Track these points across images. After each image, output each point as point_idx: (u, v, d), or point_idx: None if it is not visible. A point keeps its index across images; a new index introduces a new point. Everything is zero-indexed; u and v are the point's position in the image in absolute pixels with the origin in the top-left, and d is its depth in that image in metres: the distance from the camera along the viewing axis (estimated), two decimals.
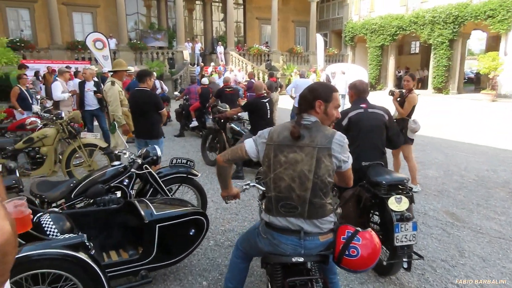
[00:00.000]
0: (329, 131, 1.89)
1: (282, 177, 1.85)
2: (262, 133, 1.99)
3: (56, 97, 6.82)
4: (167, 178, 3.52)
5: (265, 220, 1.98)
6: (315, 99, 1.92)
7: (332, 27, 29.62)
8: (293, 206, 1.84)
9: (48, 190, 2.96)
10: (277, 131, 1.92)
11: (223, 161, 2.12)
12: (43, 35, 21.01)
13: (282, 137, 1.89)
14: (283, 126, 1.95)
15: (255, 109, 5.84)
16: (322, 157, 1.82)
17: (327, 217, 1.90)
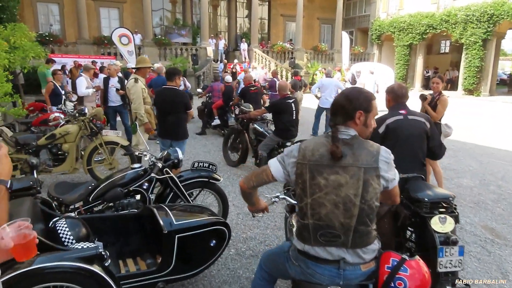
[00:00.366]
0: (373, 147, 1.67)
1: (323, 203, 1.62)
2: (290, 151, 1.75)
3: (80, 92, 6.82)
4: (188, 183, 3.36)
5: (297, 247, 1.76)
6: (355, 109, 1.68)
7: (358, 25, 28.94)
8: (335, 235, 1.62)
9: (66, 192, 2.86)
10: (310, 148, 1.68)
11: (248, 188, 1.94)
12: (71, 30, 21.42)
13: (319, 155, 1.64)
14: (317, 142, 1.71)
15: (280, 110, 5.62)
16: (369, 178, 1.60)
17: (372, 245, 1.69)
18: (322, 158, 1.63)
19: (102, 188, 3.00)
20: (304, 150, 1.68)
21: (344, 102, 1.70)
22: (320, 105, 8.92)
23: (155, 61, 19.51)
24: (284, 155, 1.77)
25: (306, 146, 1.69)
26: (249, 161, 6.50)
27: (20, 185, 2.73)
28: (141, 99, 5.00)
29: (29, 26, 19.60)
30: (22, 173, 4.81)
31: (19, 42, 8.36)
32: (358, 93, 1.74)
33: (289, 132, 5.63)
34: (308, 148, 1.68)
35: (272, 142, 5.71)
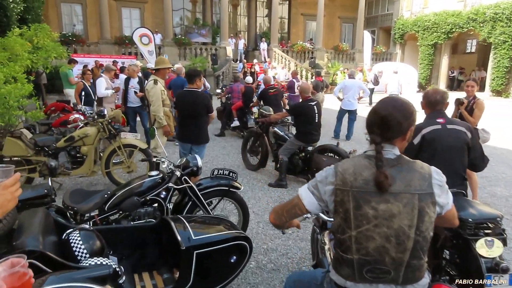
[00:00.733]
0: (424, 169, 1.45)
1: (371, 236, 1.40)
2: (325, 176, 1.51)
3: (99, 93, 6.79)
4: (207, 191, 3.21)
5: (335, 282, 1.54)
6: (410, 125, 1.48)
7: (381, 24, 28.28)
8: (385, 271, 1.42)
9: (82, 200, 2.75)
10: (350, 171, 1.45)
11: (281, 224, 1.71)
12: (93, 30, 21.73)
13: (362, 180, 1.42)
14: (357, 164, 1.48)
15: (302, 113, 5.41)
16: (425, 206, 1.39)
17: (423, 279, 1.48)
18: (368, 184, 1.41)
19: (118, 197, 2.88)
20: (342, 174, 1.46)
21: (400, 118, 1.46)
22: (342, 107, 8.65)
23: (174, 61, 19.57)
24: (318, 181, 1.54)
25: (345, 169, 1.47)
26: (269, 164, 6.31)
27: (34, 193, 2.63)
28: (160, 101, 4.89)
29: (53, 26, 20.07)
30: (41, 175, 4.77)
31: (42, 42, 8.44)
32: (410, 106, 1.51)
33: (311, 136, 5.42)
34: (347, 172, 1.45)
35: (293, 146, 5.51)
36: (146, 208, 2.94)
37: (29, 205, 2.63)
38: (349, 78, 8.80)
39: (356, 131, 9.36)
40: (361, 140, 8.91)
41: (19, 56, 6.70)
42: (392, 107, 1.48)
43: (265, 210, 4.60)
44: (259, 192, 5.23)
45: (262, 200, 4.92)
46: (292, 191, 5.32)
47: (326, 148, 5.39)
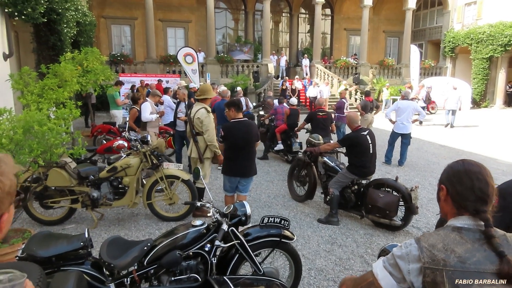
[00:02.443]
0: None
1: None
2: (406, 253, 1.30)
3: (144, 118, 6.74)
4: (256, 243, 2.84)
5: None
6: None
7: (429, 37, 27.02)
8: None
9: (119, 254, 2.48)
10: (439, 247, 1.25)
11: None
12: (140, 50, 22.52)
13: (457, 257, 1.21)
14: (446, 238, 1.27)
15: (354, 144, 4.95)
16: None
17: None
18: (464, 263, 1.20)
19: (159, 250, 2.59)
20: (430, 250, 1.25)
21: (491, 181, 1.32)
22: (395, 130, 8.03)
23: (217, 79, 19.74)
24: (396, 258, 1.32)
25: (432, 245, 1.26)
26: (317, 195, 5.87)
27: (70, 247, 2.40)
28: (214, 130, 4.82)
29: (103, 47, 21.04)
30: (83, 206, 4.67)
31: (91, 65, 8.67)
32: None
33: (365, 168, 4.93)
34: (435, 247, 1.25)
35: (346, 179, 5.04)
36: (189, 262, 2.63)
37: (64, 259, 2.40)
38: (403, 100, 8.16)
39: (409, 155, 8.67)
40: (416, 166, 8.22)
41: (68, 81, 6.82)
42: (486, 173, 1.34)
43: (315, 253, 4.15)
44: (308, 230, 4.78)
45: (312, 240, 4.48)
46: (344, 229, 4.83)
47: (383, 182, 4.87)
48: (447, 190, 1.37)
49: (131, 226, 4.81)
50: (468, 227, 1.29)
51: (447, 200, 1.38)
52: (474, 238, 1.26)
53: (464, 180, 1.32)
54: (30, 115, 3.01)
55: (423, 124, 14.68)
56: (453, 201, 1.35)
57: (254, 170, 4.50)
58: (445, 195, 1.38)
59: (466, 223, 1.30)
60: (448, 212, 1.39)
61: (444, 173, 1.42)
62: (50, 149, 3.08)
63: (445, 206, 1.40)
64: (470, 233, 1.27)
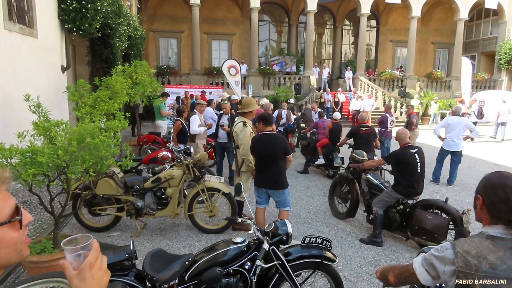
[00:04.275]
0: None
1: None
2: (442, 257, 1.43)
3: (193, 130, 6.92)
4: (297, 263, 2.77)
5: None
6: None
7: (482, 49, 25.64)
8: None
9: (162, 267, 2.52)
10: (473, 253, 1.36)
11: (395, 282, 1.68)
12: (185, 61, 23.32)
13: (489, 264, 1.31)
14: (479, 246, 1.37)
15: (402, 162, 4.74)
16: None
17: None
18: (495, 270, 1.30)
19: (200, 266, 2.60)
20: (464, 256, 1.37)
21: None
22: (444, 147, 7.61)
23: (258, 90, 19.93)
24: (433, 258, 1.47)
25: (466, 251, 1.38)
26: (360, 213, 5.67)
27: (116, 258, 2.47)
28: (249, 144, 4.77)
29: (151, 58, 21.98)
30: (128, 214, 4.83)
31: (140, 78, 9.08)
32: None
33: (412, 188, 4.70)
34: (469, 254, 1.37)
35: (391, 198, 4.82)
36: (229, 279, 2.61)
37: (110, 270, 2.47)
38: (454, 115, 7.74)
39: (460, 174, 8.18)
40: (467, 186, 7.73)
41: (118, 93, 7.17)
42: None
43: (357, 275, 3.98)
44: (350, 250, 4.62)
45: (353, 261, 4.31)
46: (387, 251, 4.61)
47: (432, 203, 4.60)
48: (483, 200, 1.44)
49: (172, 236, 4.90)
50: (501, 236, 1.37)
51: (483, 209, 1.45)
52: (506, 246, 1.34)
53: (499, 192, 1.38)
54: (84, 127, 3.18)
55: (474, 141, 13.86)
56: (488, 210, 1.42)
57: (281, 184, 4.38)
58: (481, 204, 1.46)
59: (500, 232, 1.38)
60: (483, 220, 1.47)
61: (481, 183, 1.49)
62: (101, 160, 3.22)
63: (480, 214, 1.48)
64: (503, 242, 1.35)
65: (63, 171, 3.10)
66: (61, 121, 3.29)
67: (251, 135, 4.88)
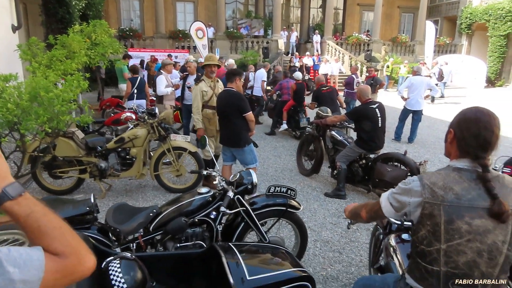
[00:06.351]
0: (511, 182, 1.43)
1: (463, 251, 1.40)
2: (408, 189, 1.50)
3: (160, 92, 6.70)
4: (262, 211, 2.84)
5: (411, 286, 1.56)
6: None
7: (445, 13, 26.12)
8: (473, 285, 1.42)
9: (125, 219, 2.50)
10: (440, 184, 1.43)
11: (367, 218, 1.79)
12: (149, 24, 22.23)
13: (454, 194, 1.40)
14: (446, 177, 1.45)
15: (363, 117, 4.85)
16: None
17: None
18: (460, 199, 1.40)
19: (165, 217, 2.60)
20: (431, 187, 1.44)
21: (497, 131, 1.45)
22: (407, 106, 7.85)
23: (226, 54, 19.47)
24: (400, 193, 1.53)
25: (433, 183, 1.45)
26: (324, 170, 5.83)
27: (76, 211, 2.42)
28: (197, 102, 4.77)
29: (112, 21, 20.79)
30: (91, 176, 4.71)
31: (100, 38, 8.57)
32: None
33: (373, 143, 4.85)
34: (436, 185, 1.44)
35: (353, 153, 4.98)
36: (194, 229, 2.64)
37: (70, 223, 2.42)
38: (415, 75, 7.95)
39: (420, 133, 8.52)
40: (426, 143, 8.09)
41: (76, 53, 6.77)
42: (494, 123, 1.45)
43: (321, 225, 4.15)
44: (315, 203, 4.78)
45: (318, 213, 4.48)
46: (350, 203, 4.80)
47: (392, 157, 4.80)
48: (454, 134, 1.51)
49: (138, 197, 4.86)
50: (467, 168, 1.45)
51: (453, 143, 1.52)
52: (471, 178, 1.43)
53: (472, 128, 1.44)
54: (36, 81, 2.99)
55: (434, 102, 14.43)
56: (458, 144, 1.49)
57: (238, 142, 4.27)
58: (452, 137, 1.52)
59: (466, 165, 1.46)
60: (451, 154, 1.55)
61: (456, 117, 1.54)
62: (57, 116, 3.07)
63: (450, 147, 1.55)
64: (469, 173, 1.44)
65: (15, 127, 2.93)
66: (10, 74, 3.07)
67: (204, 94, 4.81)
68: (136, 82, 7.32)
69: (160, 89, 6.59)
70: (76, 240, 0.87)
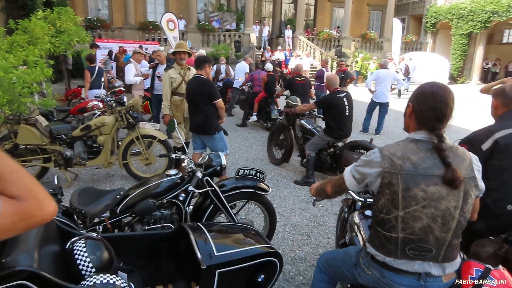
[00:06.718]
0: (465, 154, 1.54)
1: (419, 217, 1.48)
2: (369, 161, 1.58)
3: (128, 80, 6.51)
4: (231, 194, 2.86)
5: (372, 256, 1.65)
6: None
7: (412, 12, 27.00)
8: (428, 249, 1.52)
9: (91, 202, 2.45)
10: (398, 155, 1.52)
11: (332, 192, 1.87)
12: (118, 15, 21.58)
13: (411, 164, 1.49)
14: (404, 148, 1.53)
15: (331, 106, 4.97)
16: (469, 189, 1.50)
17: (458, 258, 1.60)
18: (417, 168, 1.48)
19: (132, 198, 2.57)
20: (390, 157, 1.52)
21: (451, 104, 1.54)
22: (374, 99, 8.10)
23: (197, 48, 19.24)
24: (361, 165, 1.61)
25: (392, 153, 1.53)
26: (294, 159, 5.93)
27: None
28: (166, 88, 4.78)
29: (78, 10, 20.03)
30: (56, 165, 4.56)
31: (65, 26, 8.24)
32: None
33: (341, 131, 4.98)
34: (395, 155, 1.52)
35: (322, 141, 5.09)
36: (163, 211, 2.63)
37: None
38: (382, 68, 8.20)
39: (386, 125, 8.81)
40: (392, 134, 8.38)
41: (39, 39, 6.50)
42: (449, 97, 1.52)
43: (291, 211, 4.23)
44: (284, 190, 4.86)
45: (287, 200, 4.56)
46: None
47: (358, 144, 4.94)
48: (412, 107, 1.59)
49: (106, 186, 4.76)
50: (424, 139, 1.53)
51: (411, 116, 1.60)
52: (427, 148, 1.51)
53: (429, 101, 1.52)
54: None
55: (401, 97, 14.92)
56: (416, 117, 1.57)
57: (208, 129, 4.23)
58: (410, 111, 1.60)
59: (423, 136, 1.54)
60: (410, 127, 1.64)
61: (414, 92, 1.63)
62: (18, 99, 2.95)
63: (408, 121, 1.63)
64: (425, 144, 1.52)
65: None
66: None
67: (173, 81, 4.82)
68: (95, 71, 7.09)
69: (129, 78, 6.44)
70: (34, 184, 0.86)
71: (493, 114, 2.33)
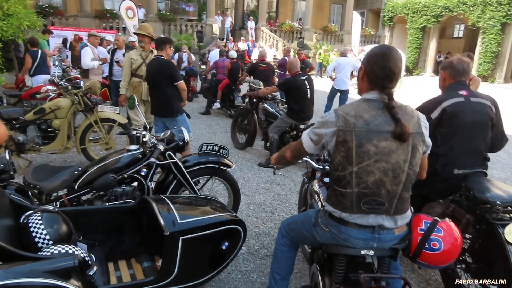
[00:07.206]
0: (413, 112, 1.63)
1: (371, 171, 1.55)
2: (324, 122, 1.62)
3: (84, 64, 6.20)
4: (194, 169, 2.85)
5: (329, 213, 1.71)
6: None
7: (370, 6, 27.85)
8: (380, 202, 1.59)
9: (47, 177, 2.35)
10: (352, 114, 1.57)
11: (292, 157, 1.93)
12: (72, 2, 20.52)
13: (364, 121, 1.55)
14: (357, 107, 1.59)
15: (293, 89, 5.05)
16: (417, 144, 1.58)
17: (408, 211, 1.69)
18: (369, 125, 1.55)
19: (91, 174, 2.49)
20: (344, 116, 1.57)
21: (399, 64, 1.59)
22: (335, 86, 8.30)
23: None
24: (317, 127, 1.66)
25: (346, 112, 1.58)
26: (259, 144, 5.99)
27: None
28: (126, 69, 4.72)
29: None
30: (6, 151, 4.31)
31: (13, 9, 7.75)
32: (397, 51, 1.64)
33: (303, 113, 5.08)
34: (349, 114, 1.57)
35: (284, 124, 5.17)
36: (124, 187, 2.58)
37: None
38: (342, 56, 8.43)
39: None
40: None
41: None
42: (392, 57, 1.58)
43: (255, 191, 4.29)
44: (249, 172, 4.90)
45: (252, 181, 4.61)
46: (282, 171, 5.01)
47: None
48: (364, 69, 1.65)
49: None
50: (375, 99, 1.60)
51: (364, 78, 1.66)
52: (379, 107, 1.58)
53: (379, 61, 1.58)
54: None
55: None
56: (368, 78, 1.63)
57: (170, 111, 4.16)
58: (362, 73, 1.66)
59: (375, 96, 1.61)
60: (363, 89, 1.69)
61: (366, 55, 1.68)
62: None
63: (361, 83, 1.69)
64: (376, 103, 1.59)
65: None
66: None
67: (133, 62, 4.73)
68: (37, 56, 6.67)
69: (85, 62, 6.15)
70: None
71: (441, 86, 2.49)
